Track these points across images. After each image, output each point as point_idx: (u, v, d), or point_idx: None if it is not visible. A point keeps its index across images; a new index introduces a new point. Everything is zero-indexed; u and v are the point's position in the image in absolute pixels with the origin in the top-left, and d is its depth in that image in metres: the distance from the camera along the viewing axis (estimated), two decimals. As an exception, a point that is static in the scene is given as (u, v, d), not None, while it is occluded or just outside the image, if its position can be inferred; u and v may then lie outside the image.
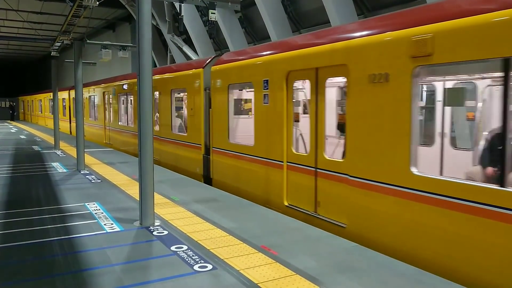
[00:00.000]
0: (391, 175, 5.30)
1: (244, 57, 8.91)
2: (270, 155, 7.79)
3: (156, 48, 22.11)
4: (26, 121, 44.97)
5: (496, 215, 4.17)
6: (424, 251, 4.86)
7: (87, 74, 20.10)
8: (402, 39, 5.10)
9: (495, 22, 4.18)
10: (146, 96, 5.79)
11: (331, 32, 6.75)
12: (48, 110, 32.32)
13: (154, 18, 19.51)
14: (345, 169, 6.05)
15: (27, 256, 4.73)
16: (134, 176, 9.82)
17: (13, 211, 6.75)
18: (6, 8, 23.91)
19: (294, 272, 4.25)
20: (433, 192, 4.76)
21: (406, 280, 4.08)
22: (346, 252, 4.86)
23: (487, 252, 4.26)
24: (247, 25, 15.99)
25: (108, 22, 29.66)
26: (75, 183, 9.12)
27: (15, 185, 8.92)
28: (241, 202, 7.31)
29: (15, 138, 21.61)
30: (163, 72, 12.89)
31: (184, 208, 6.90)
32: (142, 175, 5.89)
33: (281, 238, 5.33)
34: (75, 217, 6.34)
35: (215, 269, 4.35)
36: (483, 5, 4.36)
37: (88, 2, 8.99)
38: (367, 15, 11.43)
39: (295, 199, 7.21)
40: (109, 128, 18.30)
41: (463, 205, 4.46)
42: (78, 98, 10.98)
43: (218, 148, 9.68)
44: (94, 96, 20.77)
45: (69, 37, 12.89)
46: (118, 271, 4.27)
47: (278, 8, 13.39)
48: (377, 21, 5.94)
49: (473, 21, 4.36)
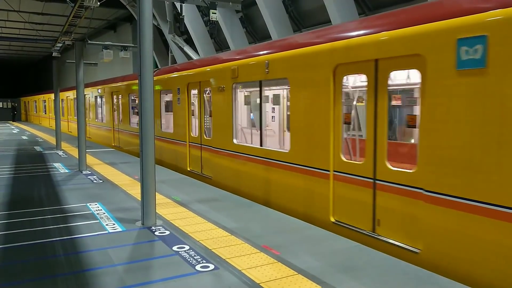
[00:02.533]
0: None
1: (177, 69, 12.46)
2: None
3: (157, 49, 22.10)
4: (29, 122, 45.01)
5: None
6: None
7: (88, 75, 20.05)
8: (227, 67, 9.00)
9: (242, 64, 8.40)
10: (148, 96, 5.80)
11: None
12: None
13: (155, 18, 19.51)
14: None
15: (30, 257, 4.74)
16: (135, 176, 9.82)
17: (15, 211, 6.76)
18: (7, 9, 23.93)
19: (296, 272, 4.24)
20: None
21: (408, 279, 4.07)
22: (348, 251, 4.85)
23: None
24: (248, 24, 15.98)
25: (109, 22, 29.65)
26: (77, 183, 9.13)
27: (17, 185, 8.93)
28: (242, 202, 7.31)
29: (17, 138, 21.65)
30: (123, 80, 17.43)
31: (186, 208, 6.90)
32: (143, 175, 5.89)
33: (283, 238, 5.33)
34: (77, 218, 6.35)
35: (217, 269, 4.35)
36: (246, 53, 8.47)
37: (89, 3, 8.98)
38: (368, 14, 11.41)
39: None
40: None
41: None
42: (79, 99, 11.01)
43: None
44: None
45: (71, 38, 12.88)
46: (120, 271, 4.28)
47: (279, 7, 13.37)
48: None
49: (251, 61, 8.21)
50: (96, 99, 21.24)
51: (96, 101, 21.28)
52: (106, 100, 19.48)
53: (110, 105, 18.78)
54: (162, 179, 9.30)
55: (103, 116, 20.23)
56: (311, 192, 6.69)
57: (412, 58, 5.01)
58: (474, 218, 4.35)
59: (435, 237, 4.73)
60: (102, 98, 20.17)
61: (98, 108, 21.19)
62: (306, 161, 6.78)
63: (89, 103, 22.30)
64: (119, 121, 17.70)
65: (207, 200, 7.42)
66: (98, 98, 20.98)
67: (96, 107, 21.42)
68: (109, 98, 18.77)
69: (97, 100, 21.18)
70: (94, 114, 21.57)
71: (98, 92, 20.78)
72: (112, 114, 18.52)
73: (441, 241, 4.67)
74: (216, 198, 7.59)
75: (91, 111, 22.10)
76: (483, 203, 4.28)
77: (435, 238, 4.72)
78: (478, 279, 4.30)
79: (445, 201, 4.62)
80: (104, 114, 20.00)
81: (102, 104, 20.34)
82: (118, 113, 17.73)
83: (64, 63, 23.23)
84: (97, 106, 21.33)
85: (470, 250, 4.38)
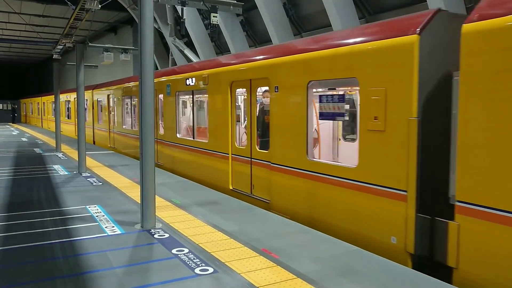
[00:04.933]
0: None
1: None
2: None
3: (158, 51, 22.14)
4: (28, 123, 45.01)
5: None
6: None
7: (88, 77, 19.98)
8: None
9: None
10: (148, 99, 5.81)
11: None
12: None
13: (156, 21, 19.55)
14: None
15: (29, 259, 4.73)
16: (135, 179, 9.82)
17: (15, 213, 6.75)
18: (8, 11, 23.99)
19: (295, 276, 4.24)
20: None
21: (406, 283, 4.07)
22: (347, 255, 4.85)
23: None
24: (248, 28, 16.02)
25: (110, 25, 29.71)
26: (77, 185, 9.13)
27: (16, 187, 8.93)
28: (241, 205, 7.31)
29: (17, 140, 21.65)
30: (110, 86, 17.84)
31: (185, 211, 6.90)
32: (143, 178, 5.89)
33: (282, 242, 5.32)
34: (76, 220, 6.34)
35: (216, 272, 4.35)
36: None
37: (90, 6, 9.01)
38: (369, 18, 11.45)
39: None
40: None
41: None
42: (79, 101, 11.02)
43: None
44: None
45: (71, 40, 12.91)
46: (119, 274, 4.27)
47: (279, 11, 13.41)
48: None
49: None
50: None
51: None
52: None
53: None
54: (162, 182, 9.29)
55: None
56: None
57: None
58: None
59: (277, 192, 7.47)
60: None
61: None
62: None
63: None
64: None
65: (206, 203, 7.42)
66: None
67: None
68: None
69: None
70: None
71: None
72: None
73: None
74: (216, 201, 7.59)
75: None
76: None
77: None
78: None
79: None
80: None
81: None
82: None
83: (65, 65, 23.23)
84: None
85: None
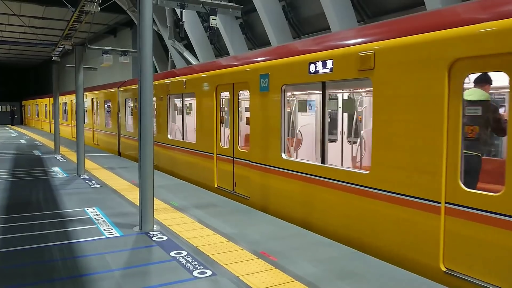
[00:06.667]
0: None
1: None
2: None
3: (157, 54, 22.19)
4: (27, 125, 44.97)
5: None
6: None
7: (87, 79, 19.98)
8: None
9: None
10: (147, 102, 5.81)
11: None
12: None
13: (155, 24, 19.59)
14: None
15: (27, 261, 4.72)
16: (133, 181, 9.82)
17: (13, 215, 6.74)
18: (8, 13, 24.01)
19: (293, 279, 4.24)
20: None
21: (405, 286, 4.07)
22: (346, 258, 4.85)
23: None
24: (247, 31, 16.06)
25: (109, 27, 29.75)
26: (75, 188, 9.12)
27: (15, 189, 8.92)
28: (240, 208, 7.31)
29: (16, 142, 21.62)
30: (102, 89, 18.69)
31: (184, 213, 6.90)
32: (142, 180, 5.89)
33: (280, 244, 5.32)
34: (75, 222, 6.34)
35: (215, 275, 4.34)
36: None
37: (90, 8, 9.02)
38: (367, 21, 11.48)
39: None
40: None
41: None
42: (79, 103, 11.01)
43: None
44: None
45: (71, 42, 12.92)
46: (117, 277, 4.27)
47: (278, 14, 13.45)
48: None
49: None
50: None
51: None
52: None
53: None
54: (160, 184, 9.29)
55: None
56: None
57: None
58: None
59: (256, 189, 7.82)
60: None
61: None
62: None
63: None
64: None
65: (205, 206, 7.42)
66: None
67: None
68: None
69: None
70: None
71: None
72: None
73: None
74: (214, 204, 7.59)
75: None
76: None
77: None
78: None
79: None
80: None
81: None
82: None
83: (64, 67, 23.22)
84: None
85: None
